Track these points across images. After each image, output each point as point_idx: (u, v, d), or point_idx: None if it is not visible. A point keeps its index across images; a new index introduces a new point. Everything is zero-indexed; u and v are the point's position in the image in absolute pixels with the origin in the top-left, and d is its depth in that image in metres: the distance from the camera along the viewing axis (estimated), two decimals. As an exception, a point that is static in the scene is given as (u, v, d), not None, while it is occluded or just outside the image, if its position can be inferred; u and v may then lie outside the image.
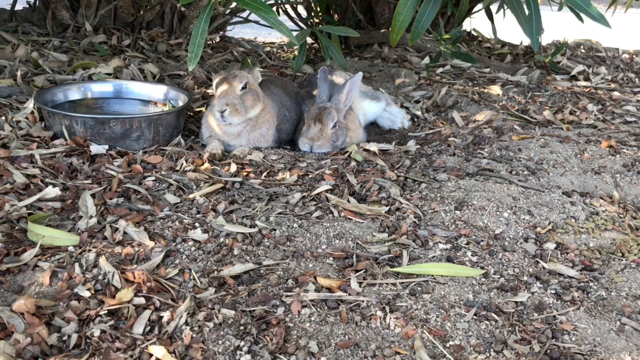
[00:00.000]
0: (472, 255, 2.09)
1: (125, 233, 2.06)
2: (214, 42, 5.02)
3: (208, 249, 2.01)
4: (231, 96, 2.76)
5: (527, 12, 3.01)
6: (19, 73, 3.31)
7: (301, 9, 5.33)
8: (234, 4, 4.56)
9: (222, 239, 2.07)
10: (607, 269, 2.11)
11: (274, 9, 4.98)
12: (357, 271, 1.95)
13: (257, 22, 4.68)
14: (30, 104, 2.90)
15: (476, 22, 5.62)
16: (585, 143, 3.15)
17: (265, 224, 2.18)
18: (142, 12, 4.46)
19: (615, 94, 4.21)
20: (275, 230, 2.15)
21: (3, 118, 2.80)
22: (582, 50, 5.69)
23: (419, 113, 3.75)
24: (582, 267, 2.11)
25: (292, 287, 1.84)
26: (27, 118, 2.83)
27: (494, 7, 5.08)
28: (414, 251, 2.09)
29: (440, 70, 4.58)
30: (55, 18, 4.41)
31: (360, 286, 1.87)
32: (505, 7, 3.16)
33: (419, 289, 1.89)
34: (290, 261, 1.98)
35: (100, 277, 1.81)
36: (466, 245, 2.14)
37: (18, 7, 4.66)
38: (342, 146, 3.08)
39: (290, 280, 1.87)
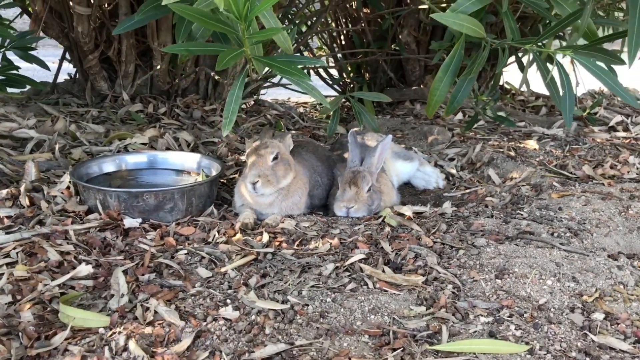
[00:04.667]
0: (515, 328, 1.99)
1: (156, 312, 2.02)
2: (247, 105, 5.09)
3: (239, 328, 1.95)
4: (263, 167, 2.76)
5: (561, 91, 3.00)
6: (57, 147, 3.39)
7: (332, 69, 5.40)
8: (266, 68, 4.66)
9: (253, 317, 2.01)
10: (663, 341, 1.98)
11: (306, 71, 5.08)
12: (394, 350, 1.86)
13: (287, 87, 4.75)
14: (66, 179, 2.94)
15: (508, 75, 5.58)
16: (629, 199, 3.03)
17: (297, 299, 2.12)
18: (177, 80, 4.57)
19: (658, 144, 4.08)
20: (308, 305, 2.09)
21: (40, 194, 2.85)
22: (620, 99, 5.56)
23: (453, 171, 3.69)
24: (635, 339, 1.98)
25: (325, 369, 1.77)
26: (62, 193, 2.87)
27: (525, 58, 5.03)
28: (454, 326, 1.99)
29: (474, 126, 4.52)
30: (94, 89, 4.54)
31: (397, 367, 1.78)
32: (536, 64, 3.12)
33: (460, 368, 1.79)
34: (324, 340, 1.90)
35: (129, 362, 1.77)
36: (509, 318, 2.04)
37: (60, 79, 4.84)
38: (376, 210, 3.02)
39: (324, 362, 1.80)
